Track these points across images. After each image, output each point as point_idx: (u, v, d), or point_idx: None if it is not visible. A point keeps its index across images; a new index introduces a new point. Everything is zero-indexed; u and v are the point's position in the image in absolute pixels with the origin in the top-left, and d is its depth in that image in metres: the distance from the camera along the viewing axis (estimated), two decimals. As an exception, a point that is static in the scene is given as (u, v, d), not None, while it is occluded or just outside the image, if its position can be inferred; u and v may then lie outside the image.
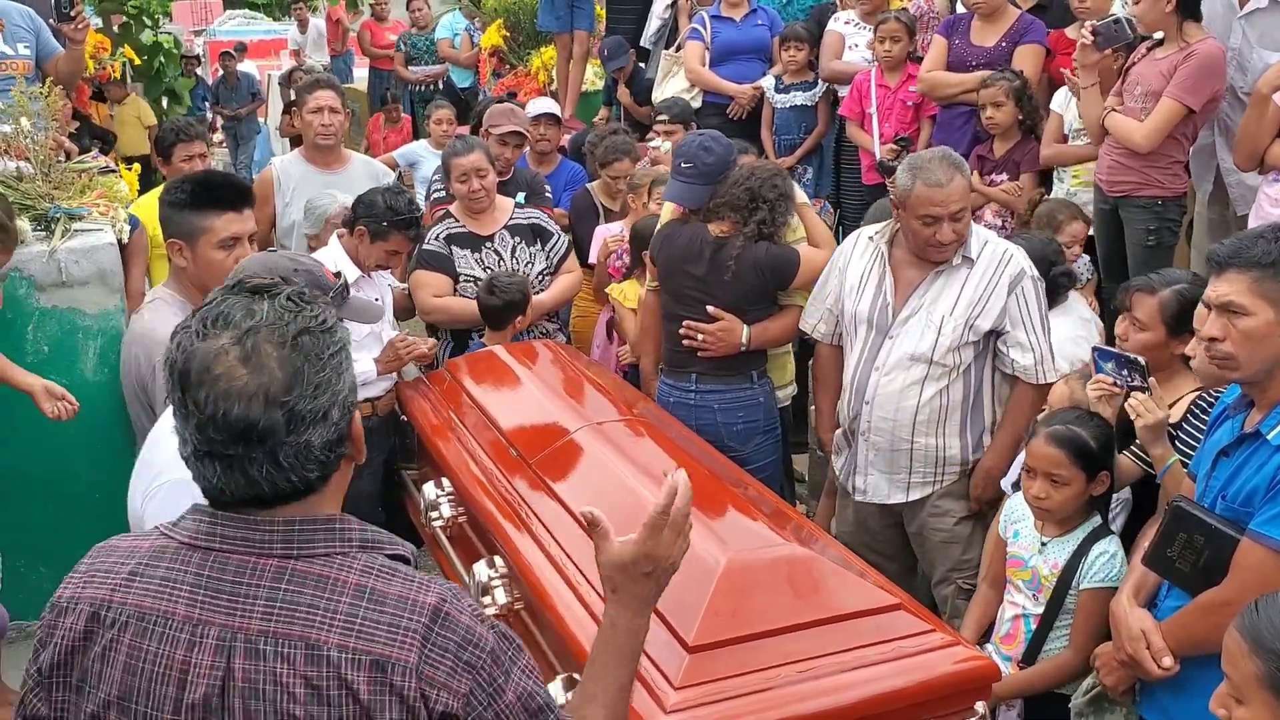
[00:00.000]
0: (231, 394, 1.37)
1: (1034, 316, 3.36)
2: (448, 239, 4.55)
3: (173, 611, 1.42)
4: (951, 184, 3.30)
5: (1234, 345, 2.30)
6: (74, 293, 3.18)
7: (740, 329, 3.79)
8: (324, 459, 1.43)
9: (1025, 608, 2.94)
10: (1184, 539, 2.37)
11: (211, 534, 1.44)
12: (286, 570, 1.42)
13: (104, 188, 3.45)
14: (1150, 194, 4.25)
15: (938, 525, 3.51)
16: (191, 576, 1.43)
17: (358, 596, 1.41)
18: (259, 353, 1.39)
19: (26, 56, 4.91)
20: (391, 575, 1.45)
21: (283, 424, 1.38)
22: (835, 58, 6.01)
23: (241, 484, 1.41)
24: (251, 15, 19.74)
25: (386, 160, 7.16)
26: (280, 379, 1.39)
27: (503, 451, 3.39)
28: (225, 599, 1.41)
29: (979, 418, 3.47)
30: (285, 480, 1.41)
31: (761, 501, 3.00)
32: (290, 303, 1.44)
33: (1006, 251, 3.39)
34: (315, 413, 1.40)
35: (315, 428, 1.40)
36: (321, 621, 1.39)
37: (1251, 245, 2.30)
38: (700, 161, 3.82)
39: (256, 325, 1.41)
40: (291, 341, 1.41)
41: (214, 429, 1.38)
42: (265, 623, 1.39)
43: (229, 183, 3.05)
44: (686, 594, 2.41)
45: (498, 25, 8.80)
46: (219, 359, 1.39)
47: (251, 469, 1.40)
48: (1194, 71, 4.09)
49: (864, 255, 3.58)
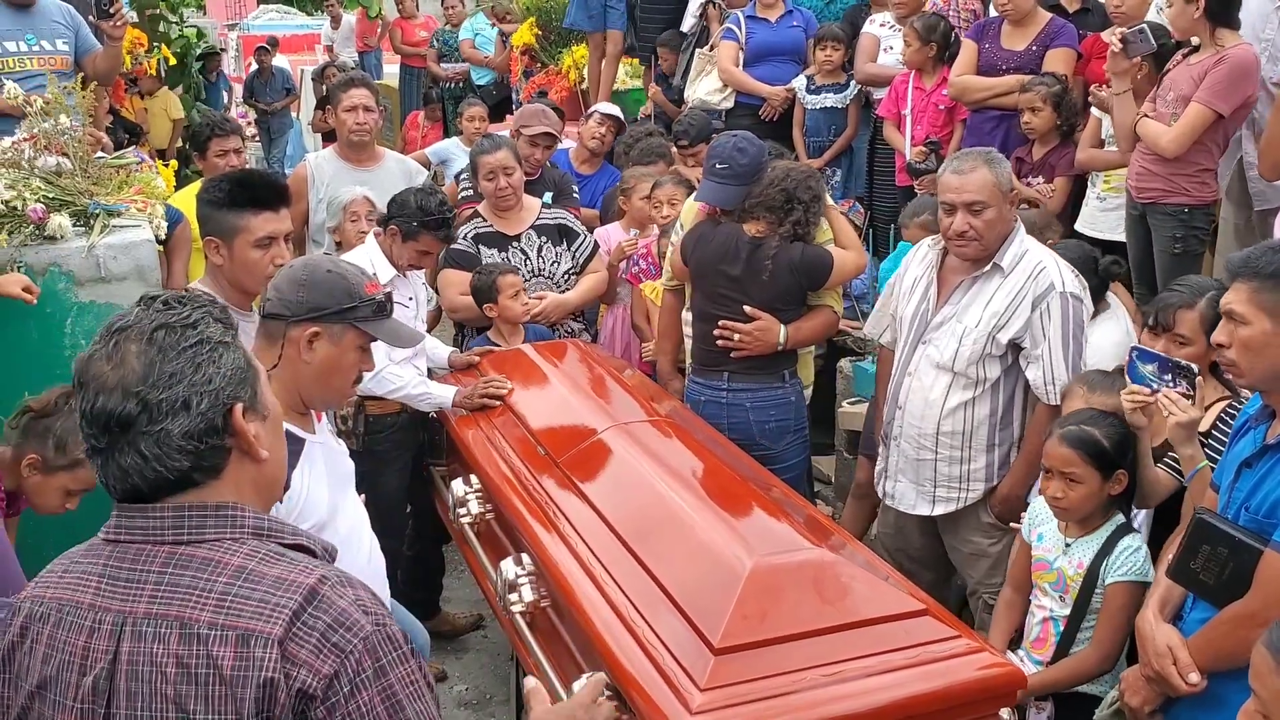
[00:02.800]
0: (98, 390, 1.45)
1: (1054, 333, 3.26)
2: (475, 238, 4.59)
3: (80, 600, 1.49)
4: (972, 174, 3.28)
5: (1235, 353, 2.34)
6: (111, 288, 3.23)
7: (778, 329, 3.82)
8: (189, 448, 1.46)
9: (1053, 610, 2.94)
10: (1207, 551, 2.36)
11: (119, 526, 1.50)
12: (175, 555, 1.46)
13: (142, 183, 3.49)
14: (1177, 201, 4.22)
15: (967, 538, 3.52)
16: (99, 567, 1.50)
17: (235, 576, 1.44)
18: (120, 350, 1.46)
19: (65, 52, 4.97)
20: (277, 559, 1.48)
21: (137, 413, 1.44)
22: (870, 60, 6.01)
23: (117, 475, 1.47)
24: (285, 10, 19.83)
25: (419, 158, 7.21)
26: (136, 370, 1.45)
27: (531, 450, 3.42)
28: (122, 585, 1.47)
29: (1007, 436, 3.44)
30: (151, 470, 1.45)
31: (788, 504, 3.01)
32: (163, 304, 1.51)
33: (1039, 264, 3.30)
34: (172, 402, 1.45)
35: (174, 417, 1.45)
36: (196, 601, 1.43)
37: (1259, 256, 2.34)
38: (735, 163, 3.84)
39: (125, 326, 1.49)
40: (148, 336, 1.47)
41: (86, 424, 1.47)
42: (150, 605, 1.44)
43: (266, 182, 3.08)
44: (713, 597, 2.44)
45: (529, 24, 8.82)
46: (93, 362, 1.48)
47: (122, 459, 1.45)
48: (1224, 77, 4.07)
49: (922, 261, 3.58)
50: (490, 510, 3.40)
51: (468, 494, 3.46)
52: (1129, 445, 2.89)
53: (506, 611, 2.95)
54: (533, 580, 2.93)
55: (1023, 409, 3.44)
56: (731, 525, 2.72)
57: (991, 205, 3.27)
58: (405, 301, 3.95)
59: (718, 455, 3.23)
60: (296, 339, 2.44)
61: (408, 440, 4.03)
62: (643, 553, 2.69)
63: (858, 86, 6.08)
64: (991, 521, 3.47)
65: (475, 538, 3.41)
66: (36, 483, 2.90)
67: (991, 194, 3.27)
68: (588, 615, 2.59)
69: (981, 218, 3.28)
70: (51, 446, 2.87)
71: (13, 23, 4.90)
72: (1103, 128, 4.71)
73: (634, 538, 2.76)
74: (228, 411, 1.49)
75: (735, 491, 2.97)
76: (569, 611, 2.71)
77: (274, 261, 2.96)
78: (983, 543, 3.50)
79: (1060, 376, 3.28)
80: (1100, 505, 2.89)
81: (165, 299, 1.53)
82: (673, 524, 2.78)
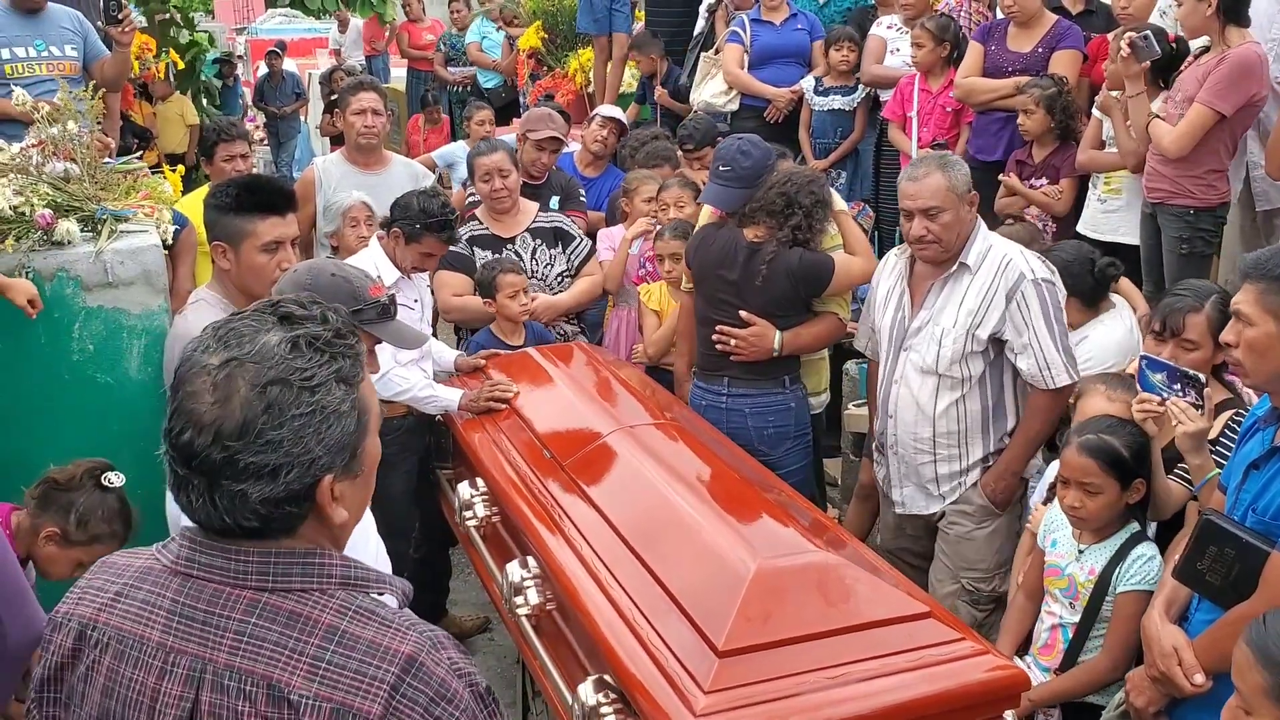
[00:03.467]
0: (190, 417, 1.34)
1: (1036, 321, 3.30)
2: (470, 241, 4.63)
3: (148, 636, 1.39)
4: (926, 179, 3.35)
5: (1241, 354, 2.34)
6: (119, 293, 3.24)
7: (772, 334, 3.81)
8: (264, 513, 1.36)
9: (1062, 617, 2.93)
10: (1214, 552, 2.36)
11: (192, 560, 1.40)
12: (259, 604, 1.37)
13: (149, 189, 3.51)
14: (1182, 203, 4.22)
15: (954, 521, 3.53)
16: (168, 602, 1.40)
17: (327, 638, 1.35)
18: (230, 385, 1.34)
19: (74, 58, 5.00)
20: (368, 618, 1.38)
21: (221, 465, 1.33)
22: (877, 62, 6.02)
23: (186, 505, 1.39)
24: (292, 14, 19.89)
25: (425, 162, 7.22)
26: (235, 420, 1.33)
27: (536, 453, 3.42)
28: (198, 628, 1.38)
29: (1001, 426, 3.47)
30: (219, 520, 1.36)
31: (792, 507, 3.01)
32: (291, 346, 1.38)
33: (1005, 257, 3.36)
34: (259, 467, 1.33)
35: (256, 482, 1.34)
36: (286, 662, 1.34)
37: (1269, 258, 2.34)
38: (738, 165, 3.84)
39: (244, 357, 1.36)
40: (263, 387, 1.34)
41: (169, 443, 1.37)
42: (231, 656, 1.35)
43: (273, 186, 3.09)
44: (717, 599, 2.44)
45: (536, 27, 8.84)
46: (199, 376, 1.36)
47: (193, 496, 1.36)
48: (1225, 76, 4.06)
49: (892, 271, 3.64)
50: (496, 513, 3.41)
51: (474, 497, 3.47)
52: (1147, 454, 2.88)
53: (512, 614, 2.96)
54: (538, 583, 2.94)
55: (1014, 398, 3.47)
56: (735, 528, 2.72)
57: (947, 209, 3.35)
58: (410, 304, 3.97)
59: (722, 458, 3.24)
60: None
61: (414, 443, 4.04)
62: (647, 556, 2.70)
63: (866, 89, 6.08)
64: (982, 504, 3.48)
65: (481, 541, 3.42)
66: (51, 554, 2.90)
67: (945, 198, 3.34)
68: (592, 618, 2.60)
69: (938, 221, 3.35)
70: (73, 522, 2.86)
71: (22, 29, 4.93)
72: (1103, 129, 4.71)
73: (639, 541, 2.77)
74: (315, 484, 1.38)
75: (739, 494, 2.98)
76: (574, 614, 2.72)
77: (280, 266, 2.97)
78: (969, 526, 3.51)
79: (1054, 360, 3.31)
80: (1117, 514, 2.88)
81: (302, 336, 1.38)
82: (677, 527, 2.78)
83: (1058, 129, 4.79)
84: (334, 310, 1.47)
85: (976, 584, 3.50)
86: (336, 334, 1.42)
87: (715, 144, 5.47)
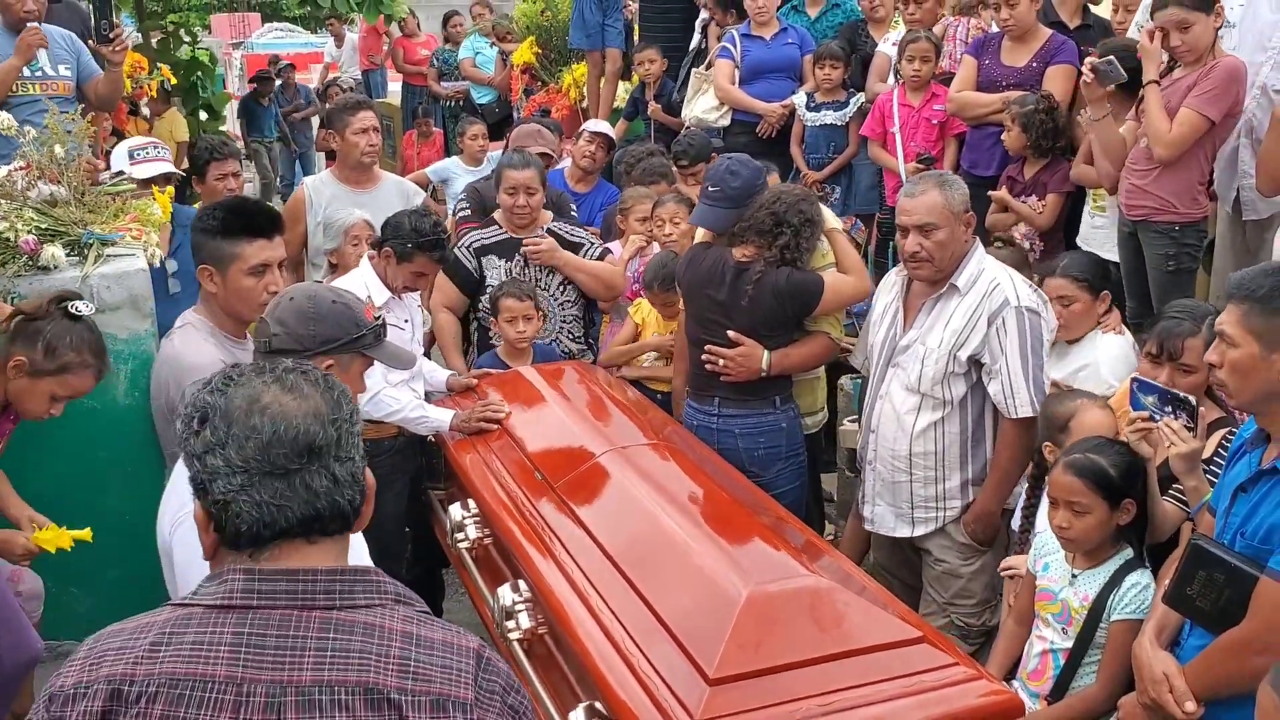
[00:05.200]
0: (286, 415, 1.47)
1: (1011, 348, 3.30)
2: (480, 250, 4.63)
3: (212, 674, 1.39)
4: (922, 196, 3.36)
5: (1225, 374, 2.34)
6: (105, 318, 3.22)
7: (760, 354, 3.77)
8: (361, 486, 1.51)
9: (1054, 642, 2.91)
10: (1204, 577, 2.35)
11: (249, 591, 1.43)
12: (331, 620, 1.43)
13: (137, 211, 3.49)
14: (1167, 219, 4.20)
15: (940, 557, 3.53)
16: (230, 637, 1.41)
17: (406, 641, 1.45)
18: (299, 387, 1.51)
19: (67, 78, 5.00)
20: (431, 623, 1.51)
21: (334, 440, 1.48)
22: (880, 79, 6.00)
23: (303, 498, 1.46)
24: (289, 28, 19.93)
25: (418, 178, 7.21)
26: (326, 403, 1.50)
27: (528, 474, 3.40)
28: (270, 654, 1.40)
29: (980, 453, 3.47)
30: (341, 497, 1.48)
31: (785, 529, 2.99)
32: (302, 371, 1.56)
33: (994, 281, 3.37)
34: (354, 438, 1.52)
35: (355, 455, 1.51)
36: (378, 666, 1.42)
37: (1253, 279, 2.34)
38: (727, 185, 3.83)
39: (287, 368, 1.54)
40: (324, 380, 1.54)
41: (278, 445, 1.45)
42: (319, 672, 1.40)
43: (260, 210, 3.09)
44: (708, 625, 2.42)
45: (529, 42, 8.86)
46: (264, 391, 1.49)
47: (314, 481, 1.46)
48: (1214, 82, 4.05)
49: (891, 288, 3.64)
50: (488, 535, 3.39)
51: (465, 519, 3.44)
52: (1137, 474, 2.85)
53: (504, 639, 2.94)
54: (530, 607, 2.92)
55: (993, 426, 3.46)
56: (727, 552, 2.70)
57: (942, 226, 3.35)
58: (400, 324, 3.95)
59: (715, 479, 3.22)
60: None
61: (405, 464, 4.02)
62: (638, 580, 2.68)
63: (858, 104, 6.07)
64: (966, 541, 3.48)
65: (473, 563, 3.40)
66: (22, 386, 2.88)
67: (942, 215, 3.34)
68: (583, 643, 2.58)
69: (933, 238, 3.35)
70: (40, 350, 2.84)
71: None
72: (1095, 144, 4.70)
73: (630, 564, 2.75)
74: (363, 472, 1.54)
75: (731, 517, 2.96)
76: (564, 640, 2.70)
77: (268, 289, 2.96)
78: (955, 563, 3.51)
79: (1020, 390, 3.31)
80: (1108, 536, 2.85)
81: (304, 369, 1.57)
82: (669, 550, 2.77)
83: (1037, 147, 4.78)
84: None
85: (966, 619, 3.50)
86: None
87: (710, 159, 5.48)
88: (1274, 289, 2.29)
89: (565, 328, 4.73)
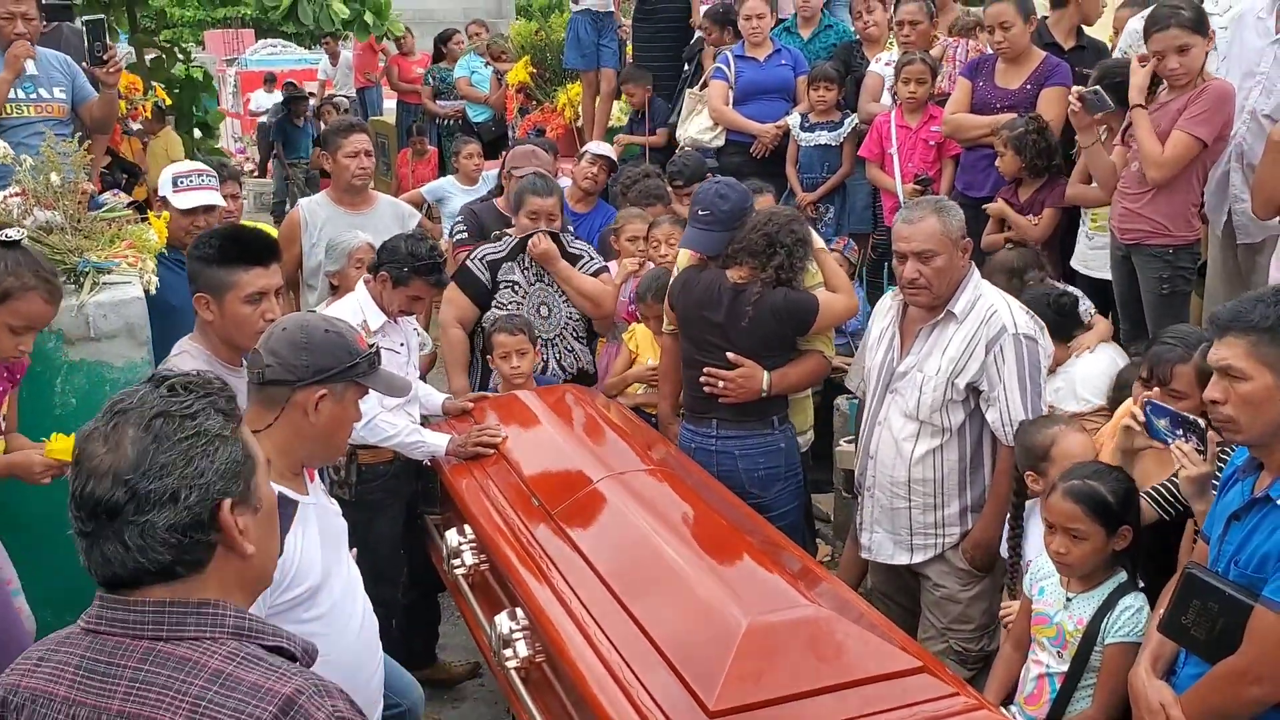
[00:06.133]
0: (91, 472, 1.44)
1: (1009, 375, 3.30)
2: (494, 263, 4.63)
3: (55, 693, 1.47)
4: (920, 222, 3.36)
5: (1234, 409, 2.31)
6: (101, 346, 3.21)
7: (761, 375, 3.79)
8: (173, 541, 1.44)
9: (1050, 666, 2.91)
10: (1198, 606, 2.35)
11: (99, 617, 1.48)
12: (153, 652, 1.44)
13: (133, 237, 3.49)
14: (1161, 242, 4.23)
15: (939, 583, 3.53)
16: (77, 659, 1.47)
17: (211, 680, 1.42)
18: (118, 433, 1.45)
19: (62, 101, 4.99)
20: (255, 663, 1.45)
21: (125, 502, 1.42)
22: (874, 100, 6.03)
23: (99, 562, 1.45)
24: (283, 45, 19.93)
25: (413, 197, 7.21)
26: (129, 458, 1.44)
27: (525, 500, 3.39)
28: (98, 680, 1.45)
29: (978, 480, 3.47)
30: (133, 560, 1.44)
31: (783, 555, 2.98)
32: (168, 389, 1.50)
33: (991, 308, 3.37)
34: (160, 493, 1.43)
35: (160, 509, 1.43)
36: (170, 703, 1.41)
37: (1251, 309, 2.31)
38: (717, 209, 3.84)
39: (127, 408, 1.47)
40: (147, 424, 1.45)
41: (75, 506, 1.45)
42: (124, 703, 1.42)
43: (256, 237, 3.08)
44: (708, 657, 2.41)
45: (524, 62, 8.88)
46: (92, 439, 1.47)
47: (105, 547, 1.44)
48: (1205, 105, 4.08)
49: (886, 313, 3.64)
50: (485, 562, 3.37)
51: (462, 545, 3.43)
52: (1133, 500, 2.86)
53: (501, 667, 2.93)
54: (527, 636, 2.91)
55: (992, 453, 3.46)
56: (727, 580, 2.69)
57: (940, 253, 3.34)
58: (396, 348, 3.95)
59: (713, 505, 3.21)
60: (303, 403, 2.45)
61: (401, 489, 4.01)
62: (637, 609, 2.67)
63: (852, 124, 6.09)
64: (965, 568, 3.48)
65: (469, 589, 3.39)
66: None
67: (940, 242, 3.34)
68: (581, 674, 2.57)
69: (931, 265, 3.34)
70: None
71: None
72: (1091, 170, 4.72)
73: (628, 593, 2.74)
74: (215, 507, 1.47)
75: (730, 544, 2.95)
76: (562, 669, 2.69)
77: (265, 317, 2.96)
78: (954, 588, 3.51)
79: (1018, 418, 3.30)
80: (1104, 561, 2.86)
81: (172, 383, 1.51)
82: (668, 579, 2.76)
83: (1032, 167, 4.80)
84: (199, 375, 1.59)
85: (965, 644, 3.49)
86: (207, 382, 1.55)
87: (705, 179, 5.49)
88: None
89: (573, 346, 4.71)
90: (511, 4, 20.74)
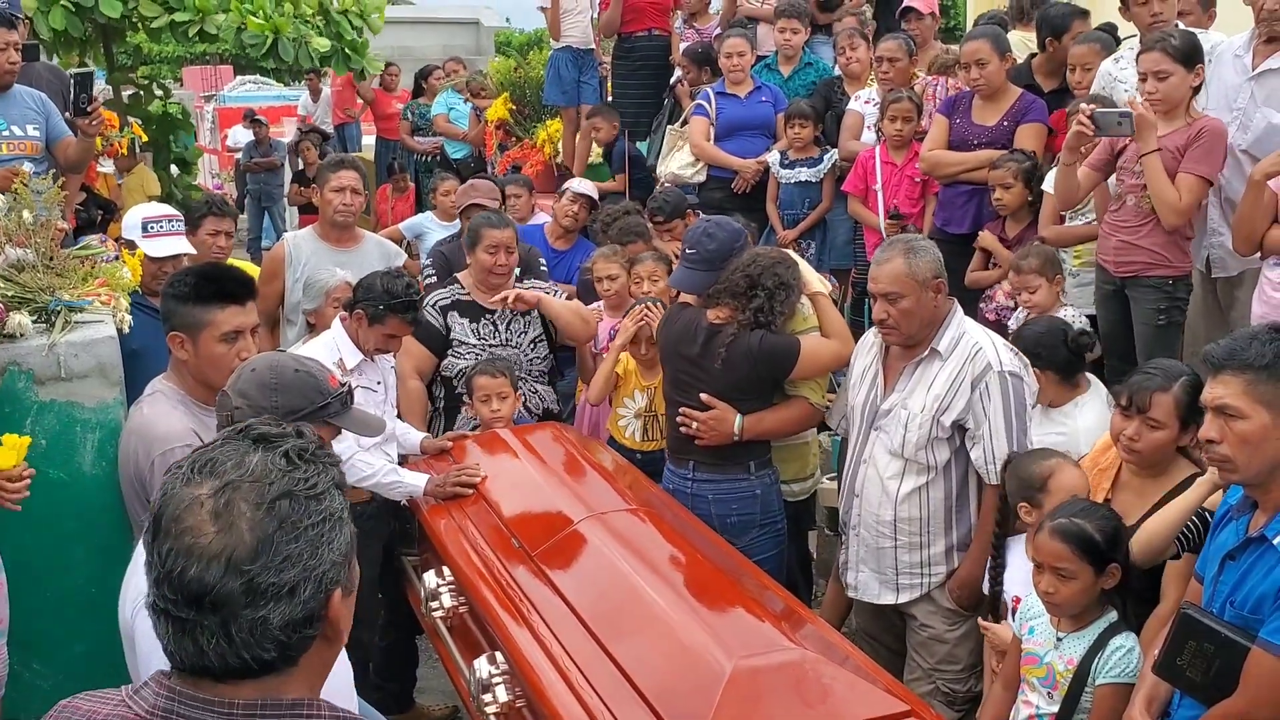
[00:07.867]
0: (193, 552, 1.28)
1: (994, 413, 3.28)
2: (445, 308, 4.55)
3: None
4: (886, 264, 3.36)
5: (1231, 448, 2.29)
6: (72, 386, 3.15)
7: (733, 418, 3.71)
8: (284, 639, 1.31)
9: (1040, 707, 2.88)
10: (1194, 647, 2.33)
11: (170, 712, 1.33)
12: None
13: (106, 275, 3.44)
14: (1160, 274, 4.23)
15: (925, 623, 3.49)
16: None
17: None
18: (232, 510, 1.29)
19: (36, 138, 4.95)
20: None
21: (239, 594, 1.27)
22: (854, 138, 6.06)
23: (190, 651, 1.30)
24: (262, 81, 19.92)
25: (392, 233, 7.18)
26: (247, 544, 1.28)
27: (504, 541, 3.35)
28: None
29: (964, 518, 3.44)
30: (235, 657, 1.29)
31: (767, 597, 2.95)
32: (285, 459, 1.34)
33: (975, 345, 3.35)
34: (279, 587, 1.29)
35: (277, 604, 1.29)
36: None
37: (1246, 347, 2.30)
38: (703, 248, 3.81)
39: (239, 480, 1.31)
40: (269, 504, 1.30)
41: (169, 587, 1.29)
42: None
43: (231, 275, 3.05)
44: (692, 702, 2.37)
45: (504, 98, 8.90)
46: (191, 510, 1.30)
47: (201, 638, 1.29)
48: (1205, 145, 4.11)
49: (869, 351, 3.62)
50: (463, 604, 3.32)
51: (440, 587, 3.38)
52: (1121, 538, 2.84)
53: (480, 712, 2.87)
54: (507, 680, 2.86)
55: (978, 490, 3.43)
56: (710, 624, 2.65)
57: (905, 295, 3.33)
58: (373, 386, 3.91)
59: (696, 546, 3.17)
60: None
61: (378, 529, 3.96)
62: (619, 654, 2.62)
63: (832, 161, 6.11)
64: (951, 607, 3.44)
65: (448, 632, 3.33)
66: None
67: (904, 284, 3.33)
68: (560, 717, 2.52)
69: (898, 306, 3.34)
70: None
71: (-16, 108, 4.88)
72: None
73: (610, 638, 2.69)
74: (327, 599, 1.33)
75: (713, 585, 2.91)
76: (543, 714, 2.63)
77: (240, 355, 2.91)
78: (940, 628, 3.47)
79: (1003, 456, 3.28)
80: (1093, 600, 2.84)
81: (289, 451, 1.35)
82: (651, 622, 2.71)
83: (1036, 202, 4.80)
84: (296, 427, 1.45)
85: (952, 685, 3.45)
86: (318, 445, 1.40)
87: (685, 215, 5.49)
88: (1278, 356, 2.27)
89: (536, 388, 4.67)
90: (490, 41, 20.89)
